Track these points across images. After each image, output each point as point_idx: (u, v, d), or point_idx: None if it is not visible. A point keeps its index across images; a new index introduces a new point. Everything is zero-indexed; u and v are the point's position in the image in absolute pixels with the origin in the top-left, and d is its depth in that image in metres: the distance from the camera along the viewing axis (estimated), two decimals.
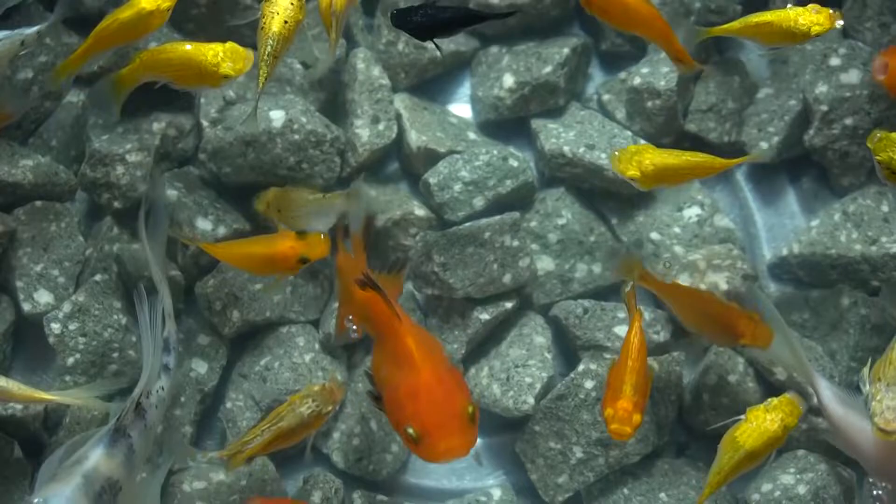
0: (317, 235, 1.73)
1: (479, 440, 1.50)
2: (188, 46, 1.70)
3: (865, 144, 1.67)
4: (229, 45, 1.69)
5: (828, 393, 1.70)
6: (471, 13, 1.72)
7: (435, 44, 1.72)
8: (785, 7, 1.75)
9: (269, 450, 1.68)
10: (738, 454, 1.62)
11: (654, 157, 1.71)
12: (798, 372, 1.75)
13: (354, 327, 1.71)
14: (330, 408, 1.68)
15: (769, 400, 1.66)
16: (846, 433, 1.67)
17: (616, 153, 1.73)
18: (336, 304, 1.86)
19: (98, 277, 1.84)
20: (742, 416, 1.65)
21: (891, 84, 1.82)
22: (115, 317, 1.82)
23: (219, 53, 1.68)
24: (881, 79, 1.82)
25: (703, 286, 1.83)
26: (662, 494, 1.81)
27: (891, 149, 1.61)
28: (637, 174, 1.70)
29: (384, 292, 1.50)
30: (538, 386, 1.82)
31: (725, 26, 1.79)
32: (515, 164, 1.91)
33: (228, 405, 1.84)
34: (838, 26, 1.73)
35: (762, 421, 1.63)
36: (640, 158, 1.71)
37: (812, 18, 1.72)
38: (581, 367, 1.81)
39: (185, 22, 1.97)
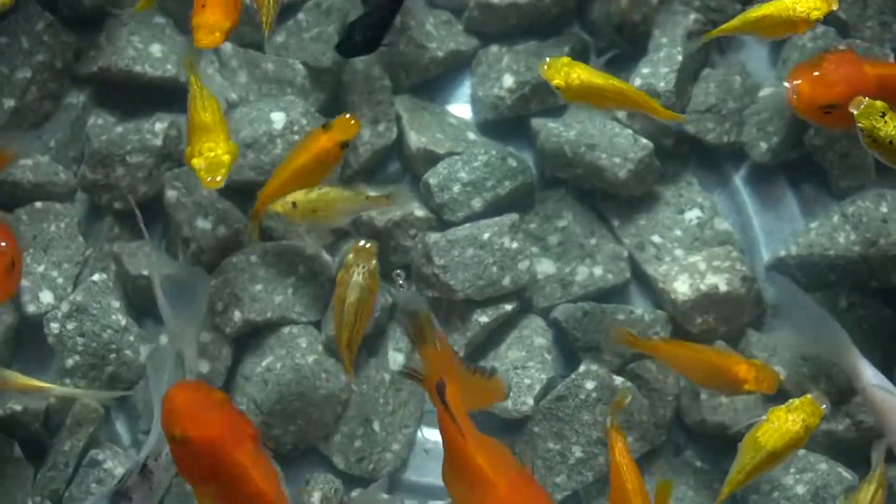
0: (341, 117, 1.73)
1: None
2: (207, 114, 1.66)
3: (866, 145, 1.66)
4: (225, 158, 1.62)
5: (870, 373, 1.69)
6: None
7: (384, 45, 1.79)
8: None
9: (363, 325, 1.70)
10: (760, 454, 1.62)
11: (583, 73, 1.75)
12: (837, 354, 1.73)
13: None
14: (374, 261, 1.71)
15: (790, 400, 1.66)
16: (887, 416, 1.67)
17: (548, 60, 1.77)
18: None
19: (96, 277, 1.83)
20: (763, 417, 1.65)
21: (802, 107, 1.76)
22: (114, 317, 1.82)
23: (213, 148, 1.62)
24: (793, 101, 1.76)
25: (703, 287, 1.83)
26: None
27: (874, 116, 1.61)
28: (562, 84, 1.75)
29: (451, 409, 1.40)
30: (537, 387, 1.82)
31: (725, 26, 1.78)
32: (514, 164, 1.91)
33: None
34: (835, 8, 1.73)
35: (784, 421, 1.63)
36: (569, 70, 1.75)
37: (810, 4, 1.72)
38: (582, 369, 1.81)
39: (186, 22, 1.96)
